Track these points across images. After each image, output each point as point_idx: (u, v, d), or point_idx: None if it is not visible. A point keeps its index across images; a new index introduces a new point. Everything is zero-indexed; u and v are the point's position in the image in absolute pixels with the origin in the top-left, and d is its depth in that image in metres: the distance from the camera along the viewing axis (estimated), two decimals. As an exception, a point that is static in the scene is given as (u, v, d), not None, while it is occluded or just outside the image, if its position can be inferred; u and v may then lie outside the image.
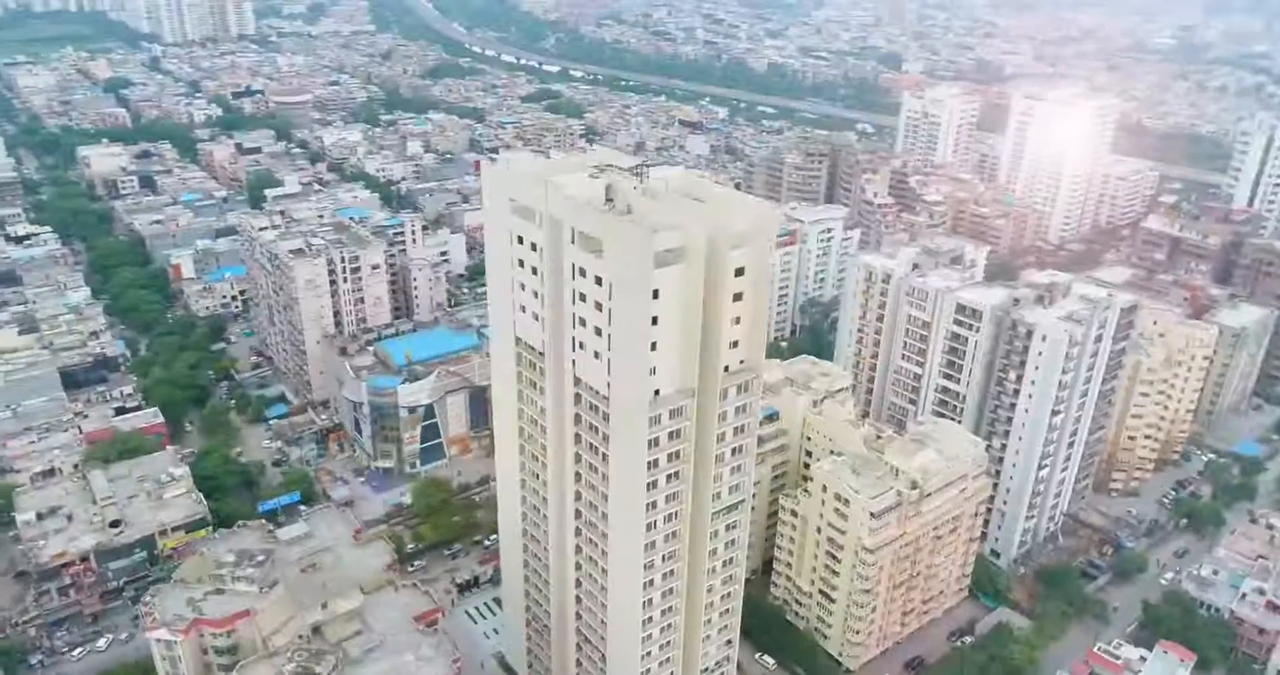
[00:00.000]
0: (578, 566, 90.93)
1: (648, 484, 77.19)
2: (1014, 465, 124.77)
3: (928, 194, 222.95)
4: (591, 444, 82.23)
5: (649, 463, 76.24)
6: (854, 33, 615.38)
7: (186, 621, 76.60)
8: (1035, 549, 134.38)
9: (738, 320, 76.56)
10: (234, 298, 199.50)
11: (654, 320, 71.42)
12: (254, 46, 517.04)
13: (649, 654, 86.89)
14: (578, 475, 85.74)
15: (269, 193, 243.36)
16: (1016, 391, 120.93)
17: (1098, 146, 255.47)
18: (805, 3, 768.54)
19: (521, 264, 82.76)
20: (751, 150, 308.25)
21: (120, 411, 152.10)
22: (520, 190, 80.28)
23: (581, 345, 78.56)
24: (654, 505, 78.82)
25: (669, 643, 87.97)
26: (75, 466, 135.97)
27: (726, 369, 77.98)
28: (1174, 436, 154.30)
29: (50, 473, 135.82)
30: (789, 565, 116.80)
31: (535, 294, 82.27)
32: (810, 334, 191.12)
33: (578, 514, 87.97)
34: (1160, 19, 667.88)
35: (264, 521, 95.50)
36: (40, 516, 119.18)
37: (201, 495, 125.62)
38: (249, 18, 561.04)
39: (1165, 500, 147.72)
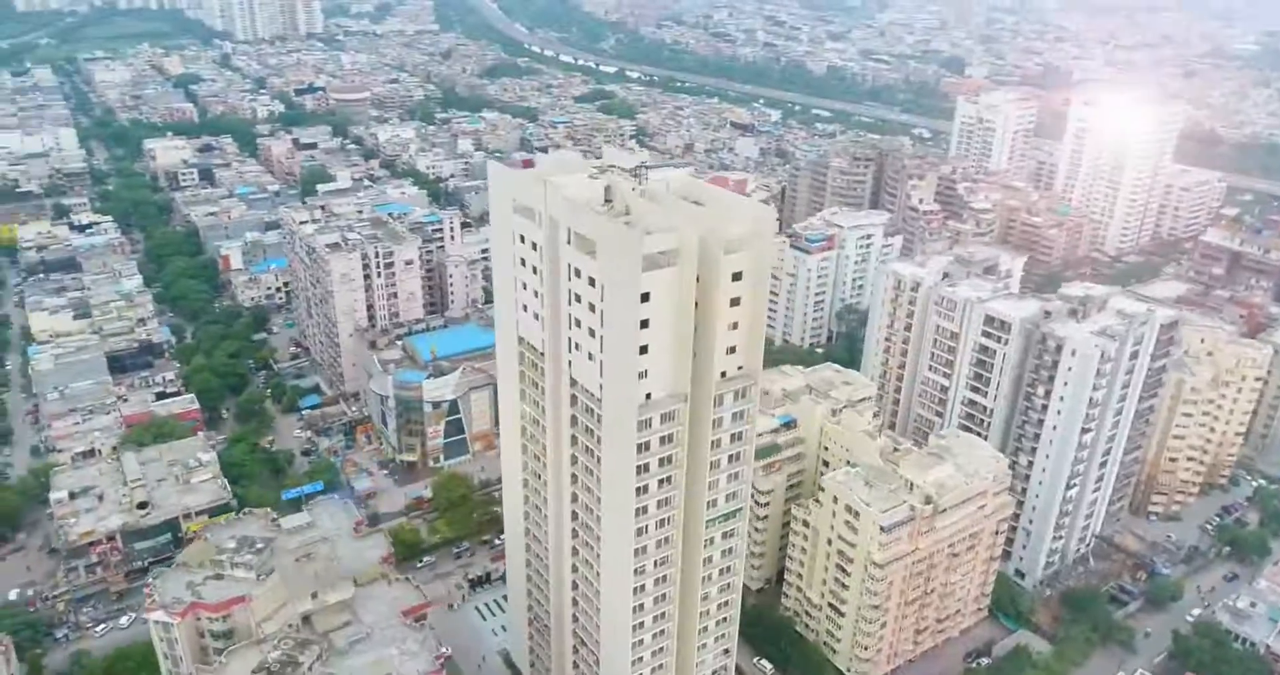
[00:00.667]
0: (574, 568, 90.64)
1: (638, 488, 76.38)
2: (1040, 483, 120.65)
3: (975, 201, 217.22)
4: (587, 446, 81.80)
5: (639, 467, 75.42)
6: (918, 36, 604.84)
7: (183, 604, 78.41)
8: (1063, 571, 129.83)
9: (735, 326, 75.34)
10: (278, 289, 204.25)
11: (645, 323, 70.60)
12: (320, 45, 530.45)
13: (641, 659, 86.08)
14: (574, 477, 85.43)
15: (320, 187, 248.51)
16: (1045, 407, 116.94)
17: (1160, 155, 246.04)
18: (870, 5, 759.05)
19: (523, 263, 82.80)
20: (802, 154, 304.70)
21: (161, 396, 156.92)
22: (522, 190, 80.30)
23: (577, 346, 78.21)
24: (645, 510, 77.98)
25: (662, 649, 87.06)
26: (114, 448, 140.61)
27: (723, 375, 76.86)
28: (1221, 460, 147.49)
29: (90, 453, 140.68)
30: (800, 576, 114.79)
31: (535, 293, 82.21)
32: (846, 341, 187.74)
33: (574, 516, 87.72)
34: (1243, 24, 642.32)
35: (269, 510, 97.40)
36: (73, 495, 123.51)
37: (227, 481, 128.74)
38: (317, 17, 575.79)
39: (1208, 526, 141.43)
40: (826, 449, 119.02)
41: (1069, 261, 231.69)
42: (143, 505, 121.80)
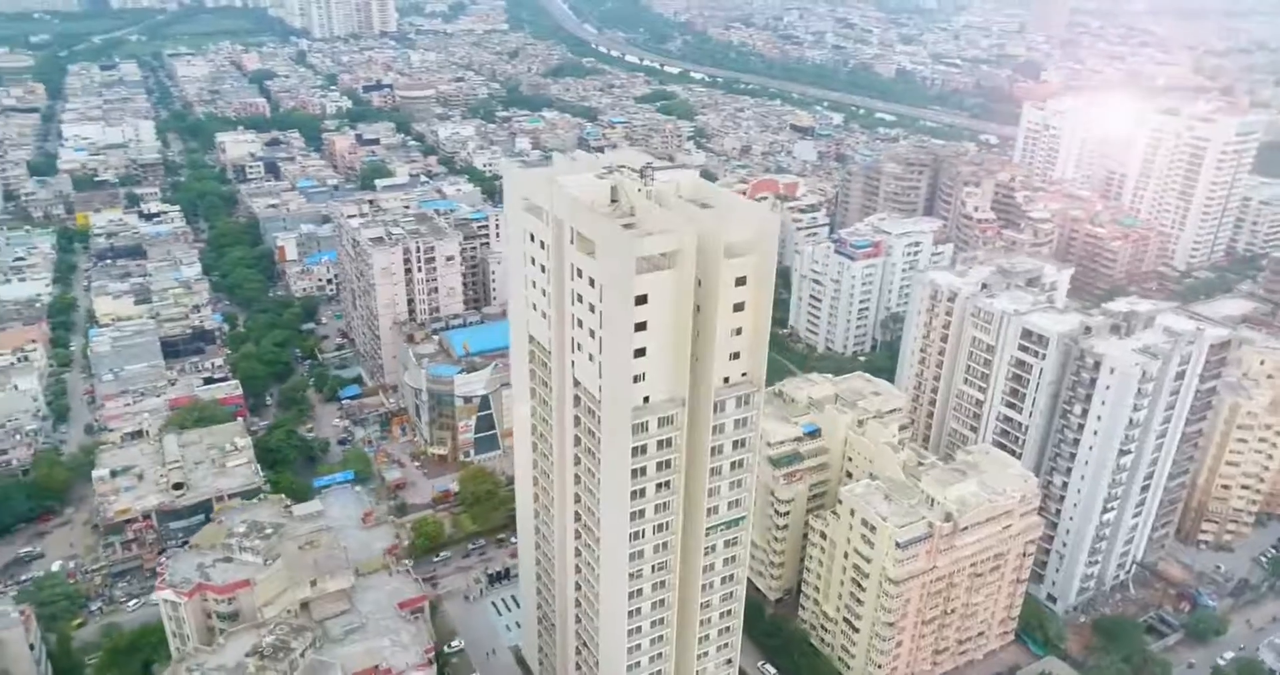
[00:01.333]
0: (577, 569, 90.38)
1: (634, 491, 75.71)
2: (1075, 505, 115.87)
3: (1034, 210, 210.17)
4: (589, 447, 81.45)
5: (635, 470, 74.71)
6: (994, 40, 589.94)
7: (191, 585, 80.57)
8: (1100, 597, 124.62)
9: (739, 331, 74.18)
10: (329, 281, 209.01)
11: (641, 325, 69.84)
12: (393, 43, 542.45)
13: (638, 664, 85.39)
14: (577, 477, 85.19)
15: (379, 182, 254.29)
16: (1081, 426, 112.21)
17: (1239, 165, 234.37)
18: (946, 8, 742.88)
19: (533, 261, 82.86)
20: (861, 158, 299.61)
21: (208, 381, 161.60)
22: (532, 188, 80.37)
23: (579, 346, 77.93)
24: (641, 513, 77.23)
25: (660, 655, 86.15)
26: (160, 430, 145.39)
27: (726, 380, 75.72)
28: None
29: (138, 434, 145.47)
30: (817, 589, 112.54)
31: (543, 292, 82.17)
32: (889, 350, 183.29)
33: (577, 516, 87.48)
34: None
35: (283, 496, 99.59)
36: (114, 474, 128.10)
37: (259, 466, 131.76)
38: (392, 15, 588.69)
39: (1263, 558, 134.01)
40: (850, 460, 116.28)
41: (1133, 275, 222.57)
42: (178, 486, 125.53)
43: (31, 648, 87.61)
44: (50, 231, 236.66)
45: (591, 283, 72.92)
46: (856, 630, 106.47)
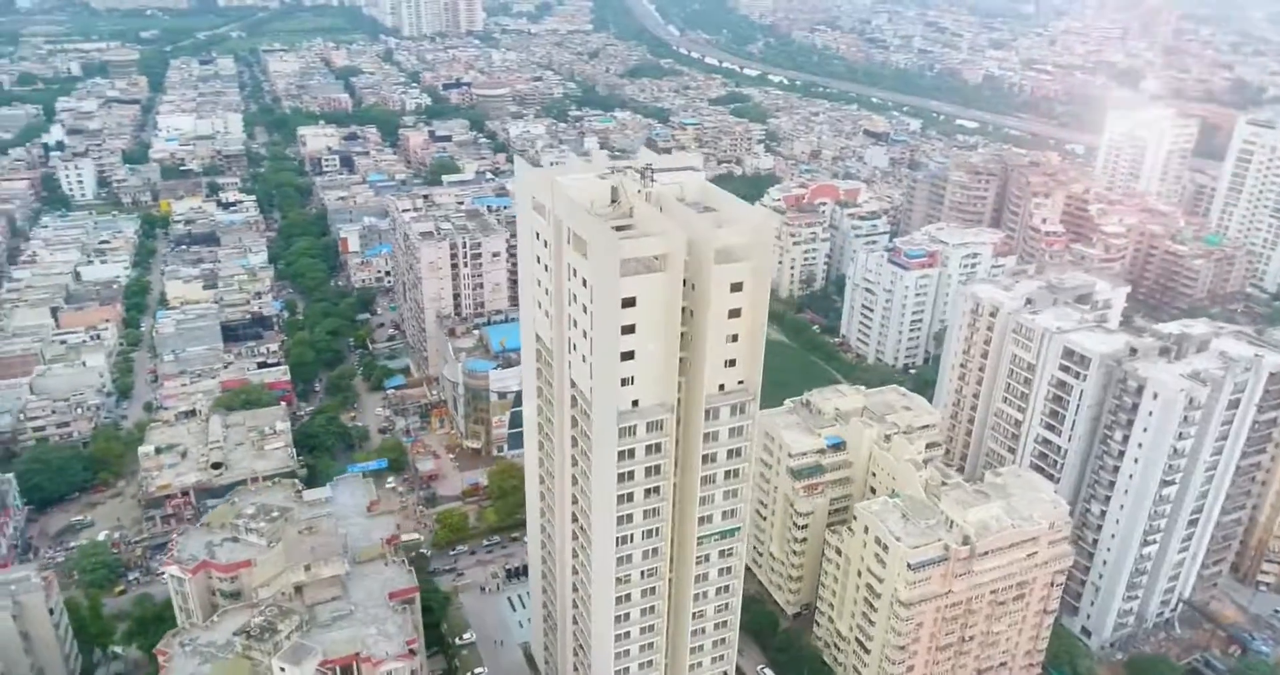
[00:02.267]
0: (575, 570, 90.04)
1: (621, 496, 74.88)
2: (1112, 535, 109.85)
3: (1107, 224, 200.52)
4: (584, 449, 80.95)
5: (622, 474, 73.92)
6: (1092, 46, 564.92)
7: (196, 562, 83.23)
8: (1140, 635, 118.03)
9: (734, 338, 72.63)
10: (387, 273, 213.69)
11: (630, 328, 68.95)
12: (477, 42, 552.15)
13: (627, 670, 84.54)
14: (574, 479, 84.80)
15: (446, 178, 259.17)
16: (1122, 453, 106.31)
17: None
18: (1045, 13, 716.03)
19: (538, 260, 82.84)
20: (935, 166, 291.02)
21: (262, 366, 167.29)
22: (538, 187, 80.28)
23: (574, 346, 77.53)
24: (629, 518, 76.35)
25: (650, 662, 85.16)
26: (209, 410, 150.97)
27: (721, 388, 74.24)
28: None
29: (191, 413, 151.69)
30: (831, 605, 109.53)
31: (546, 291, 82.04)
32: (939, 364, 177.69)
33: (574, 517, 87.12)
34: None
35: (296, 481, 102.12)
36: (159, 451, 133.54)
37: (295, 450, 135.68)
38: (479, 15, 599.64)
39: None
40: (874, 475, 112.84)
41: (1216, 296, 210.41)
42: (217, 465, 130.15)
43: (51, 612, 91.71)
44: (135, 217, 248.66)
45: (584, 283, 72.42)
46: (868, 651, 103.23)
